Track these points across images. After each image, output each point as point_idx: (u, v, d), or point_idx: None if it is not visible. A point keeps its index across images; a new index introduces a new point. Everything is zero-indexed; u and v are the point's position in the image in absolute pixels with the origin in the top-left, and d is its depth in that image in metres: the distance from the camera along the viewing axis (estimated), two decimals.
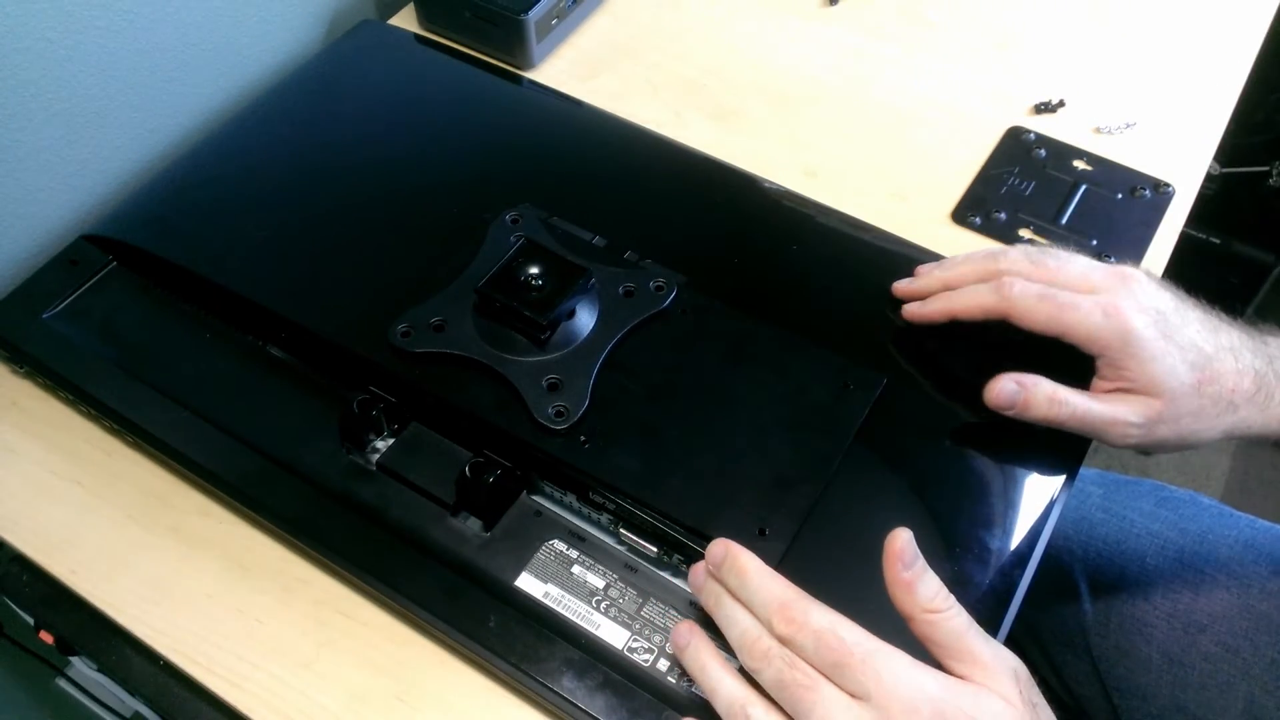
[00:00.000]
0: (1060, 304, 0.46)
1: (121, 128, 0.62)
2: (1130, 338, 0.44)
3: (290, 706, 0.44)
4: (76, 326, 0.54)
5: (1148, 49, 0.71)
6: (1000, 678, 0.36)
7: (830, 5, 0.75)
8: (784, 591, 0.38)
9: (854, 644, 0.36)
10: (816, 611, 0.37)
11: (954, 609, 0.37)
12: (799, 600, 0.38)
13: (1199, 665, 0.59)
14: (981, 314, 0.48)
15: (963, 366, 0.52)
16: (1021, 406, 0.46)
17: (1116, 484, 0.68)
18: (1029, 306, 0.46)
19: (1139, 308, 0.45)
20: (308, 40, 0.73)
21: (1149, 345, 0.44)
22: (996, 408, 0.47)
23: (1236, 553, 0.60)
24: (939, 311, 0.50)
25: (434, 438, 0.49)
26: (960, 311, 0.49)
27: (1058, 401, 0.46)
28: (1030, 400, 0.46)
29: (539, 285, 0.49)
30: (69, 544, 0.49)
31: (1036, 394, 0.46)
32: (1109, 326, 0.45)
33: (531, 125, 0.65)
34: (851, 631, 0.37)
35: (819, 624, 0.36)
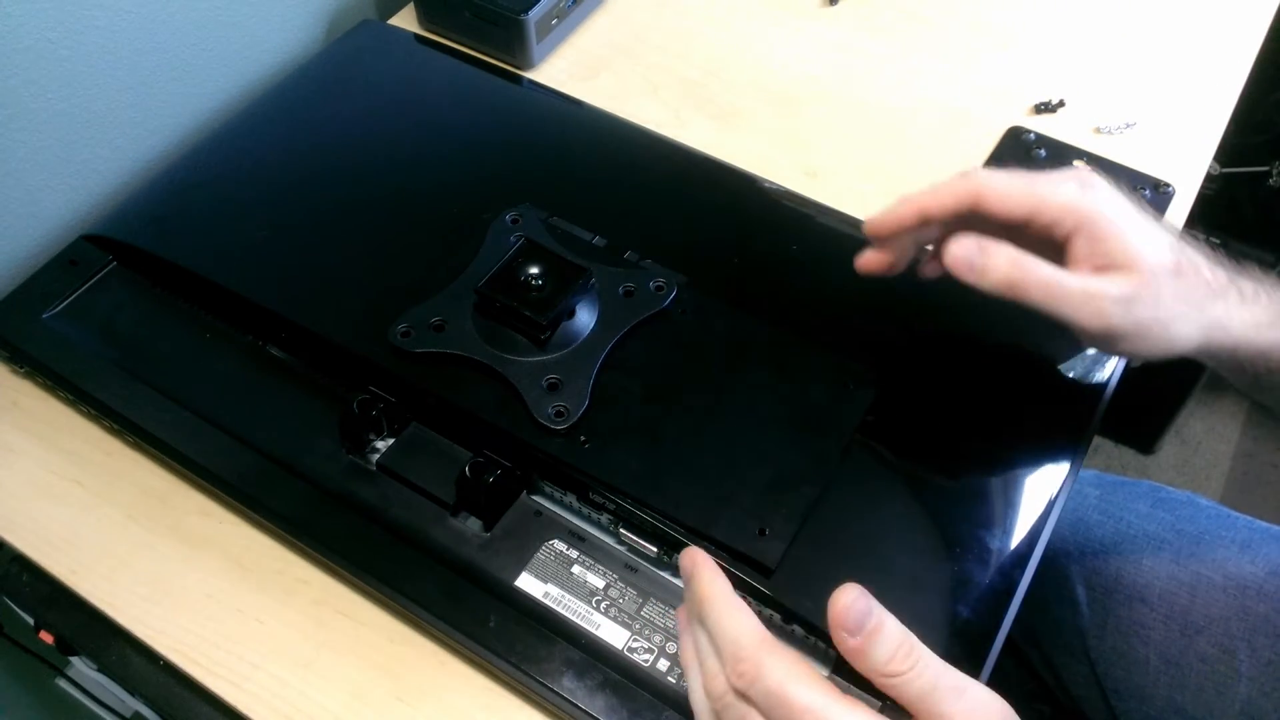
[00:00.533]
0: (1033, 178, 0.42)
1: (121, 128, 0.62)
2: (1108, 207, 0.42)
3: (290, 706, 0.44)
4: (76, 326, 0.54)
5: (1148, 49, 0.71)
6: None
7: (830, 5, 0.75)
8: (738, 637, 0.34)
9: (805, 708, 0.32)
10: (769, 666, 0.33)
11: (916, 669, 0.33)
12: (753, 652, 0.33)
13: (1196, 667, 0.59)
14: (954, 203, 0.43)
15: (962, 367, 0.52)
16: (980, 271, 0.42)
17: (1114, 485, 0.68)
18: (1001, 186, 0.42)
19: (1114, 190, 0.43)
20: (308, 40, 0.73)
21: (1128, 216, 0.42)
22: (954, 271, 0.42)
23: (1234, 554, 0.60)
24: (910, 211, 0.44)
25: (434, 438, 0.49)
26: (931, 206, 0.44)
27: (1023, 265, 0.41)
28: (990, 263, 0.41)
29: (539, 285, 0.49)
30: (69, 544, 0.49)
31: (998, 255, 0.41)
32: (1086, 198, 0.42)
33: (531, 125, 0.65)
34: (805, 692, 0.32)
35: (769, 684, 0.33)
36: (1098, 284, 0.41)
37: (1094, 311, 0.41)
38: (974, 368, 0.53)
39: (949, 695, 0.32)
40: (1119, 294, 0.41)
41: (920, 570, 0.45)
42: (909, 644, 0.33)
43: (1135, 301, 0.41)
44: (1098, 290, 0.41)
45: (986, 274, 0.42)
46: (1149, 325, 0.42)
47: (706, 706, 0.35)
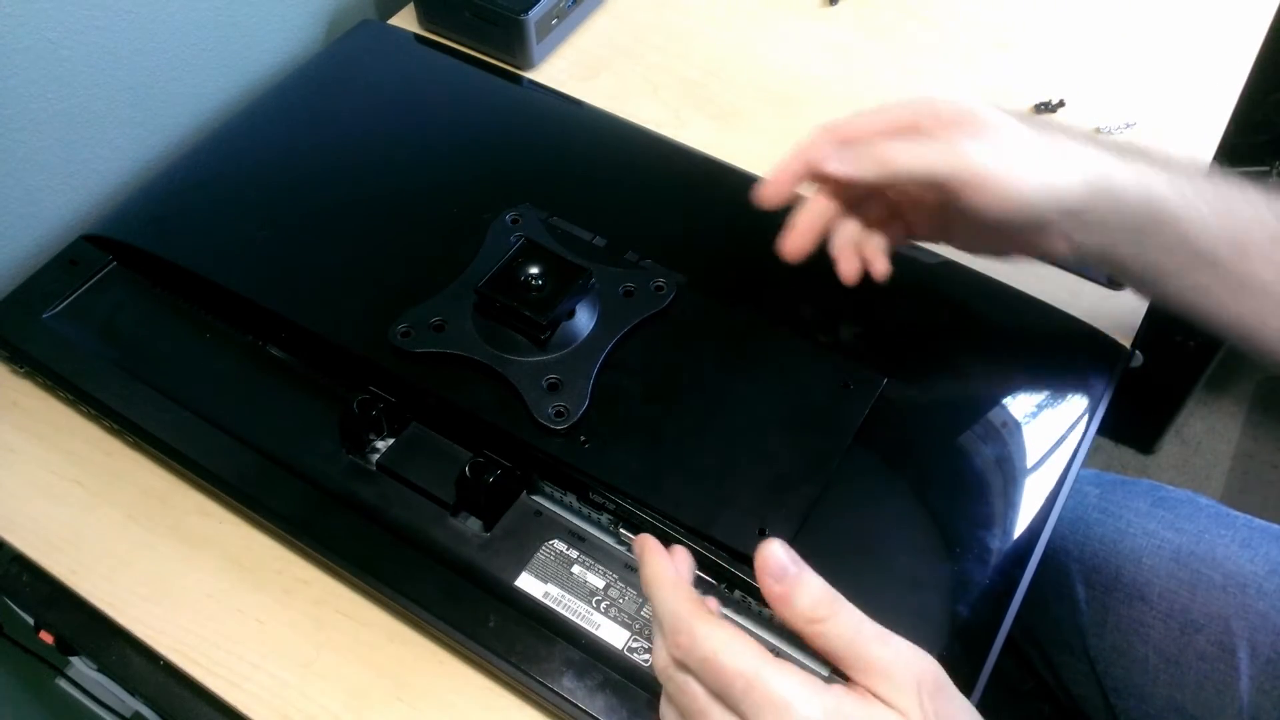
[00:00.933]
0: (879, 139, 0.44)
1: (121, 128, 0.62)
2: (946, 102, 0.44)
3: (290, 706, 0.44)
4: (76, 326, 0.54)
5: (1148, 49, 0.71)
6: (898, 687, 0.33)
7: (830, 5, 0.75)
8: (675, 609, 0.35)
9: (736, 672, 0.33)
10: (702, 635, 0.34)
11: (839, 616, 0.34)
12: (686, 622, 0.34)
13: (1196, 665, 0.59)
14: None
15: (962, 367, 0.52)
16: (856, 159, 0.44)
17: (1113, 484, 0.68)
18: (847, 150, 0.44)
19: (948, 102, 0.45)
20: (308, 40, 0.73)
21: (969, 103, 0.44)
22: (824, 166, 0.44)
23: (1233, 553, 0.60)
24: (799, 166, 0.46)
25: (434, 438, 0.49)
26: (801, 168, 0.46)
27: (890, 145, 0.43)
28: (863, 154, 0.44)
29: (539, 285, 0.49)
30: (69, 544, 0.49)
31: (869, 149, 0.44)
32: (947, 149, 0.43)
33: (531, 125, 0.65)
34: (737, 656, 0.33)
35: (703, 651, 0.34)
36: (954, 134, 0.43)
37: (958, 156, 0.42)
38: (974, 367, 0.53)
39: (872, 643, 0.33)
40: (974, 135, 0.43)
41: (920, 569, 0.45)
42: (830, 595, 0.34)
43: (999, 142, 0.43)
44: (956, 141, 0.43)
45: (860, 161, 0.44)
46: (1015, 158, 0.43)
47: (665, 689, 0.36)
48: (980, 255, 0.50)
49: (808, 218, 0.47)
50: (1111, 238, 0.45)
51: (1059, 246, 0.46)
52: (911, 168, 0.43)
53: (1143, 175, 0.44)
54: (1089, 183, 0.43)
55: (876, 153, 0.44)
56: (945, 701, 0.33)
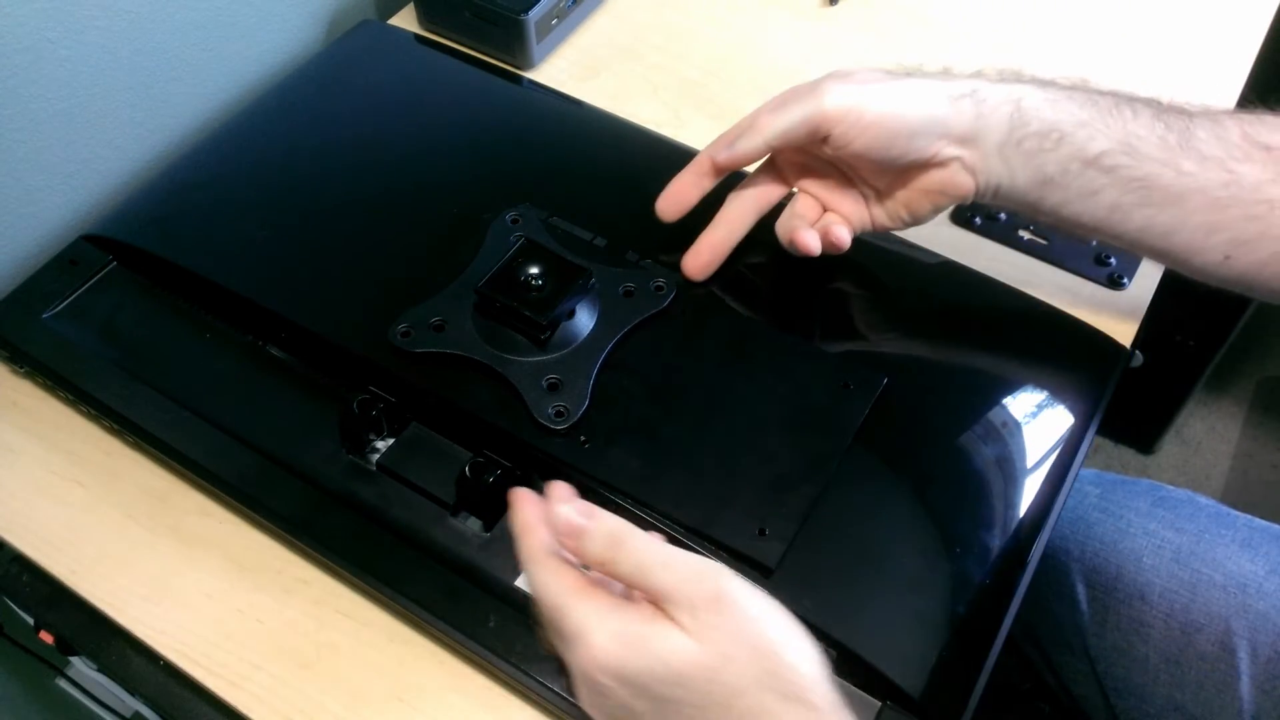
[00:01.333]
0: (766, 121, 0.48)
1: (121, 128, 0.62)
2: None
3: (290, 706, 0.44)
4: (76, 326, 0.54)
5: (1147, 49, 0.71)
6: (677, 605, 0.35)
7: (830, 5, 0.75)
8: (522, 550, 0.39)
9: (548, 605, 0.37)
10: (529, 571, 0.38)
11: (623, 552, 0.37)
12: (524, 563, 0.39)
13: (1196, 665, 0.59)
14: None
15: (962, 367, 0.52)
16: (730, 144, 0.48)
17: (1114, 484, 0.68)
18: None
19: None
20: (308, 40, 0.73)
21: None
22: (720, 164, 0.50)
23: (1234, 553, 0.60)
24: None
25: (434, 438, 0.49)
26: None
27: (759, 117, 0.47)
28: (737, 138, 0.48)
29: (539, 285, 0.49)
30: (69, 544, 0.49)
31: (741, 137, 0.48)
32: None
33: (531, 125, 0.65)
34: (546, 588, 0.37)
35: (530, 585, 0.38)
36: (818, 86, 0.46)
37: (820, 96, 0.45)
38: (974, 367, 0.53)
39: (654, 570, 0.36)
40: (836, 80, 0.46)
41: (920, 569, 0.45)
42: (616, 538, 0.37)
43: (853, 79, 0.46)
44: (819, 86, 0.46)
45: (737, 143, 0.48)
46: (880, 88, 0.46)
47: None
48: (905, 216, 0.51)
49: (685, 178, 0.51)
50: (1008, 163, 0.46)
51: (964, 181, 0.47)
52: (783, 123, 0.47)
53: (1021, 93, 0.46)
54: (965, 100, 0.46)
55: (750, 127, 0.48)
56: (723, 616, 0.35)
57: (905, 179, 0.49)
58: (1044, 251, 0.60)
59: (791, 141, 0.47)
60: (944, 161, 0.47)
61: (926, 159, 0.47)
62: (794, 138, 0.47)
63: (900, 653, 0.42)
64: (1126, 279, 0.59)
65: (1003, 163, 0.46)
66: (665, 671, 0.35)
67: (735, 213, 0.52)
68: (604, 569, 0.37)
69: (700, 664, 0.34)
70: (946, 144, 0.46)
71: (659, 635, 0.35)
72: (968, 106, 0.46)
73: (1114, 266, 0.59)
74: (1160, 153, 0.45)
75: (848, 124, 0.45)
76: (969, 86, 0.46)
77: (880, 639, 0.42)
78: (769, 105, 0.48)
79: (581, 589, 0.37)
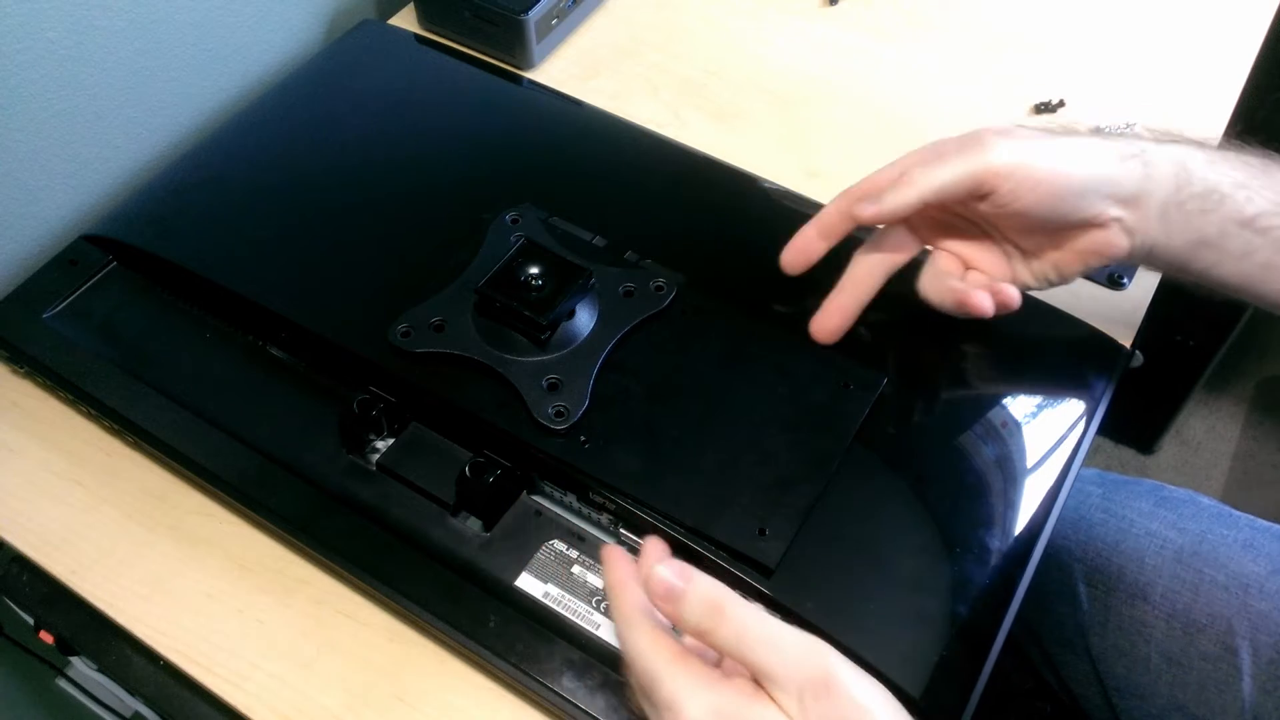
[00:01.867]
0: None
1: (121, 128, 0.62)
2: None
3: (290, 706, 0.44)
4: (76, 326, 0.54)
5: (1148, 49, 0.71)
6: (782, 689, 0.34)
7: (830, 5, 0.75)
8: (614, 610, 0.38)
9: (643, 671, 0.35)
10: (625, 637, 0.37)
11: (723, 624, 0.35)
12: (620, 625, 0.37)
13: (1198, 665, 0.59)
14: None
15: (962, 367, 0.52)
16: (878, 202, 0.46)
17: (1116, 484, 0.68)
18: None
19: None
20: (308, 40, 0.73)
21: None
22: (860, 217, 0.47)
23: (1235, 553, 0.60)
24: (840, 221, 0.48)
25: (434, 438, 0.49)
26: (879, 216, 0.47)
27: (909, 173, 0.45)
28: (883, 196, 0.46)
29: (539, 285, 0.49)
30: (69, 544, 0.49)
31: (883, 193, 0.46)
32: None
33: (531, 125, 0.65)
34: (642, 656, 0.36)
35: (625, 652, 0.37)
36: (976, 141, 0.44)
37: (984, 151, 0.44)
38: (974, 367, 0.53)
39: (757, 646, 0.34)
40: (997, 136, 0.44)
41: (920, 569, 0.45)
42: (714, 606, 0.35)
43: (1015, 135, 0.44)
44: (979, 141, 0.44)
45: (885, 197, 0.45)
46: (1044, 146, 0.44)
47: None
48: (1052, 276, 0.49)
49: (810, 232, 0.49)
50: (1168, 224, 0.45)
51: (1120, 243, 0.46)
52: (942, 177, 0.44)
53: (1184, 155, 0.45)
54: (1133, 161, 0.44)
55: (902, 180, 0.45)
56: (831, 704, 0.33)
57: (1059, 239, 0.47)
58: None
59: (949, 197, 0.45)
60: (1105, 223, 0.45)
61: (1090, 219, 0.45)
62: (953, 194, 0.44)
63: (901, 653, 0.42)
64: (1126, 279, 0.59)
65: (1163, 224, 0.45)
66: None
67: (864, 272, 0.49)
68: (701, 638, 0.35)
69: None
70: (1112, 204, 0.45)
71: (759, 717, 0.33)
72: (1136, 167, 0.44)
73: (1114, 266, 0.59)
74: None
75: (1015, 181, 0.43)
76: (1137, 147, 0.45)
77: (880, 639, 0.42)
78: (920, 157, 0.46)
79: (677, 658, 0.35)
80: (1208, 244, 0.46)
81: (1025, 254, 0.48)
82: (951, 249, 0.49)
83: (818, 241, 0.49)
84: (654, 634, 0.36)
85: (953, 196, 0.45)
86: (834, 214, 0.48)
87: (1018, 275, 0.49)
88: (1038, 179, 0.43)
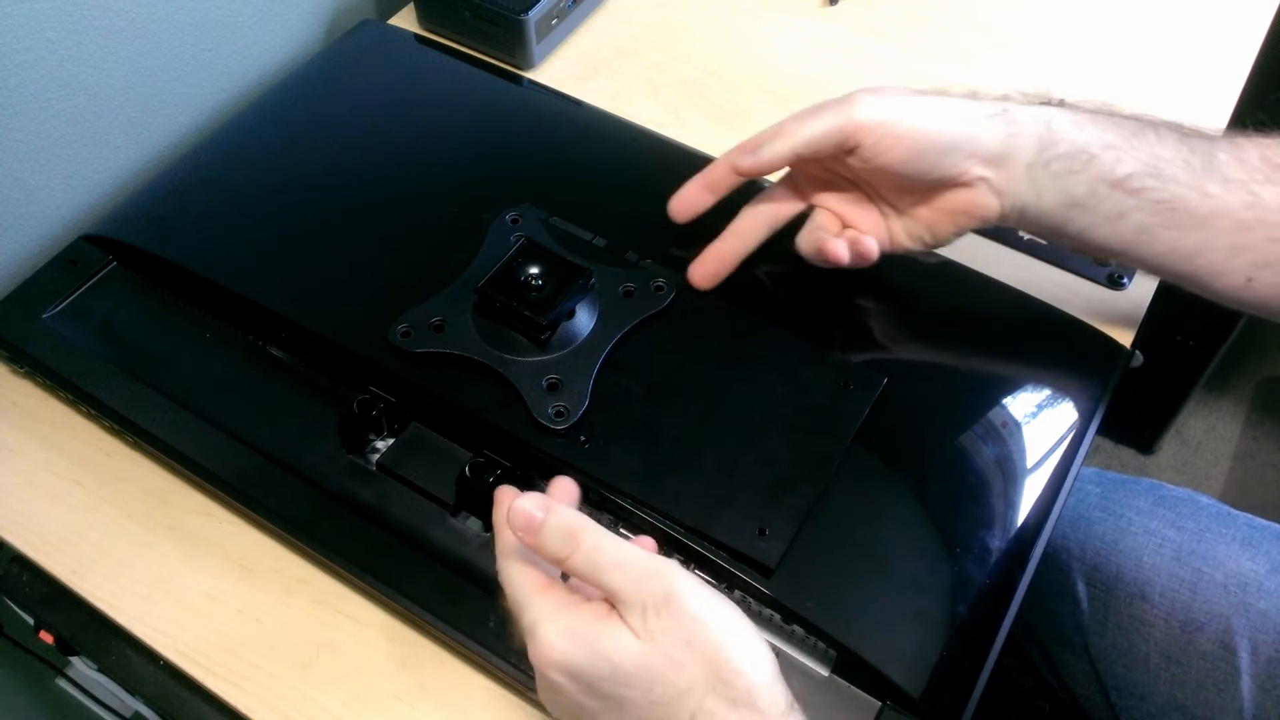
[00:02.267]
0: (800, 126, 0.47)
1: (121, 128, 0.62)
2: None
3: (290, 706, 0.44)
4: (76, 326, 0.54)
5: (1148, 49, 0.71)
6: (628, 606, 0.36)
7: (830, 5, 0.75)
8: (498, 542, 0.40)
9: (511, 599, 0.38)
10: (498, 561, 0.39)
11: (578, 551, 0.37)
12: (497, 555, 0.40)
13: (1197, 664, 0.59)
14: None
15: (962, 367, 0.52)
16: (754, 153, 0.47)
17: (1115, 483, 0.68)
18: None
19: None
20: (308, 40, 0.73)
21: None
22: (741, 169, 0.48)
23: (1235, 552, 0.60)
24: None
25: (434, 438, 0.49)
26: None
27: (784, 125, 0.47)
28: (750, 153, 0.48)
29: (539, 285, 0.49)
30: (69, 544, 0.49)
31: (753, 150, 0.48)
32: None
33: (531, 125, 0.65)
34: (511, 583, 0.38)
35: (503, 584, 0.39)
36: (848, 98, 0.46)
37: (851, 107, 0.45)
38: (974, 367, 0.53)
39: (606, 570, 0.36)
40: (867, 93, 0.46)
41: (920, 569, 0.45)
42: (571, 534, 0.37)
43: (884, 93, 0.46)
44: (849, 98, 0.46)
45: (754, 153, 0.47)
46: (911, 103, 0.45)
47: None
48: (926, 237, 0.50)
49: (696, 184, 0.51)
50: (1036, 184, 0.46)
51: (989, 203, 0.47)
52: (812, 130, 0.46)
53: (1050, 115, 0.46)
54: (996, 120, 0.45)
55: (778, 133, 0.47)
56: (670, 618, 0.35)
57: (929, 198, 0.48)
58: (1044, 251, 0.60)
59: (819, 150, 0.46)
60: (971, 181, 0.46)
61: (954, 177, 0.46)
62: (822, 147, 0.46)
63: (900, 653, 0.42)
64: (1126, 279, 0.59)
65: (1030, 184, 0.46)
66: (611, 671, 0.35)
67: (748, 225, 0.51)
68: (559, 565, 0.37)
69: (647, 665, 0.35)
70: (976, 163, 0.46)
71: (608, 634, 0.36)
72: (999, 126, 0.46)
73: (1114, 266, 0.59)
74: (1186, 175, 0.45)
75: (879, 135, 0.45)
76: (999, 107, 0.46)
77: (880, 639, 0.42)
78: (797, 114, 0.47)
79: (541, 587, 0.38)
80: (1079, 205, 0.46)
81: (900, 212, 0.50)
82: (831, 206, 0.51)
83: (704, 194, 0.50)
84: (522, 567, 0.39)
85: (822, 149, 0.46)
86: (719, 168, 0.50)
87: (895, 237, 0.50)
88: (899, 134, 0.45)
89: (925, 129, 0.45)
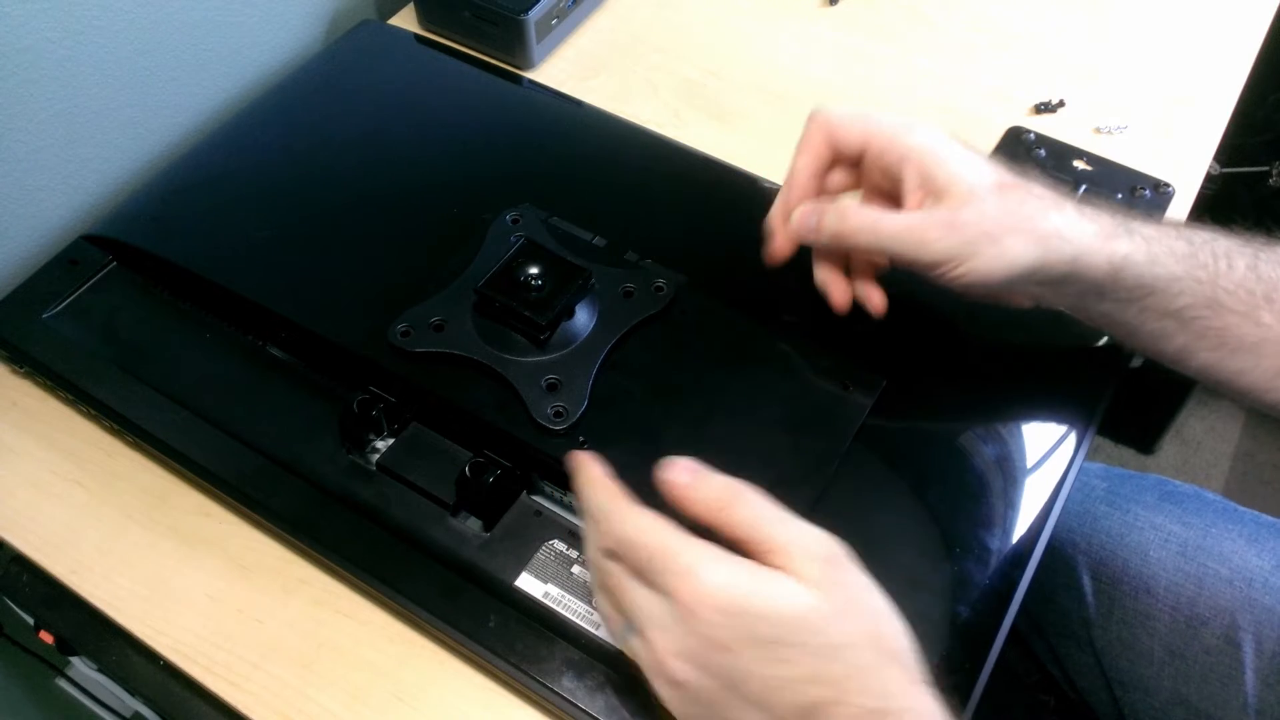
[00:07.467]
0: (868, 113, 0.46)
1: (121, 128, 0.62)
2: (929, 137, 0.44)
3: (290, 706, 0.44)
4: (76, 326, 0.54)
5: (1148, 48, 0.71)
6: (797, 561, 0.35)
7: (830, 5, 0.75)
8: (599, 501, 0.38)
9: (648, 545, 0.36)
10: (619, 517, 0.37)
11: (739, 501, 0.36)
12: (606, 510, 0.38)
13: (1201, 659, 0.59)
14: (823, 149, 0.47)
15: (962, 367, 0.52)
16: (816, 228, 0.46)
17: (1121, 478, 0.68)
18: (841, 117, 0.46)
19: (937, 129, 0.45)
20: (308, 40, 0.73)
21: (949, 145, 0.44)
22: (799, 235, 0.47)
23: (1240, 547, 0.60)
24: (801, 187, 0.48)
25: (434, 438, 0.49)
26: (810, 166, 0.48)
27: (845, 214, 0.45)
28: (822, 220, 0.46)
29: (539, 285, 0.49)
30: (69, 544, 0.49)
31: (828, 213, 0.46)
32: (911, 129, 0.45)
33: (531, 125, 0.65)
34: (647, 532, 0.36)
35: (620, 532, 0.37)
36: (917, 216, 0.43)
37: (917, 241, 0.43)
38: (974, 368, 0.53)
39: (774, 524, 0.36)
40: (939, 219, 0.43)
41: (921, 568, 0.45)
42: (731, 486, 0.37)
43: (956, 224, 0.43)
44: (917, 222, 0.43)
45: (820, 230, 0.46)
46: (977, 243, 0.43)
47: (594, 579, 0.39)
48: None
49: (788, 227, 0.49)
50: (1078, 298, 0.46)
51: (1022, 303, 0.47)
52: (869, 246, 0.45)
53: (1106, 237, 0.44)
54: (1043, 247, 0.43)
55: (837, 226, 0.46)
56: (843, 572, 0.36)
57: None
58: None
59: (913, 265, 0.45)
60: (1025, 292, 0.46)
61: (1009, 297, 0.47)
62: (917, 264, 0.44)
63: None
64: None
65: (1078, 302, 0.46)
66: (778, 615, 0.34)
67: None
68: (713, 516, 0.36)
69: (819, 612, 0.34)
70: (1033, 285, 0.45)
71: (779, 580, 0.35)
72: (1059, 268, 0.44)
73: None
74: (1243, 306, 0.44)
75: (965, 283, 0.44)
76: (1060, 235, 0.43)
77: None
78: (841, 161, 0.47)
79: (687, 533, 0.36)
80: (1122, 325, 0.47)
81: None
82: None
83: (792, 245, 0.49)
84: (653, 514, 0.36)
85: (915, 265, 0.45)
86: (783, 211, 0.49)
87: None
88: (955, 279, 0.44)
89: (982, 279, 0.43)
